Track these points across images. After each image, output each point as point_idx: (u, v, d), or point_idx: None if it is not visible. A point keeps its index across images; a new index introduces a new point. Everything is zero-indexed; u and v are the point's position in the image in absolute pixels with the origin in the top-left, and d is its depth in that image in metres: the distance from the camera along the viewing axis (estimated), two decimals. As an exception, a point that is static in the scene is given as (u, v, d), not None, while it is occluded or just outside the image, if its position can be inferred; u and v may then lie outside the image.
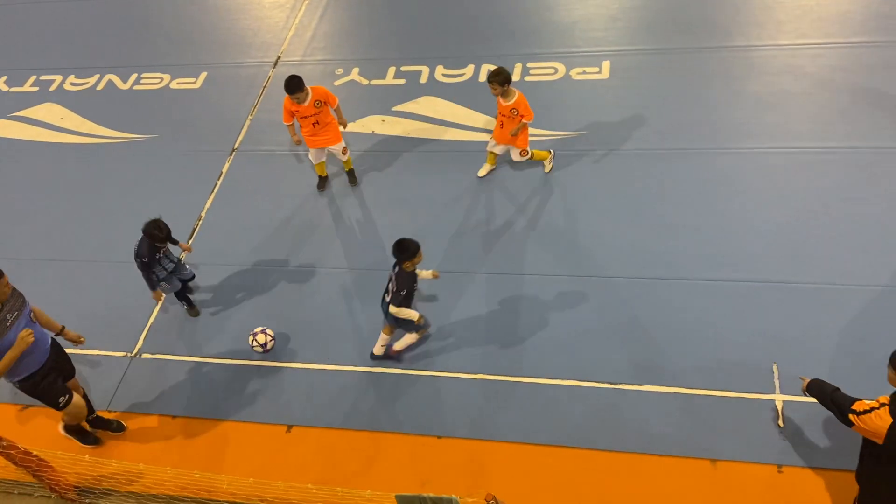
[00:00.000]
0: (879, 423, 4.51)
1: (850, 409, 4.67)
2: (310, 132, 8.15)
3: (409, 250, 6.25)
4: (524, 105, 7.65)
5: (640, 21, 10.04)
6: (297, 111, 7.97)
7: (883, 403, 4.53)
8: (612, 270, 7.37)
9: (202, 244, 8.44)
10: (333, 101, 8.08)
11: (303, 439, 6.66)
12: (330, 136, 8.23)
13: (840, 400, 4.83)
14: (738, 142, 8.24)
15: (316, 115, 7.99)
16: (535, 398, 6.58)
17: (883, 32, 8.99)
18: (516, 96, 7.62)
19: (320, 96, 7.95)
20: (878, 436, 4.55)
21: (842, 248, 7.12)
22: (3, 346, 5.71)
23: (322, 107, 7.98)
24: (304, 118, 8.01)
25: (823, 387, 5.08)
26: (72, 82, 11.04)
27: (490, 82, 7.55)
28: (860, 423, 4.61)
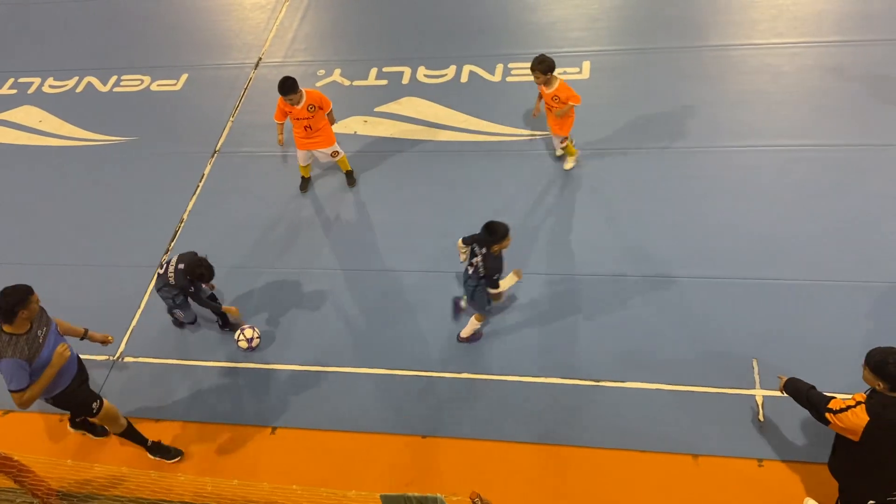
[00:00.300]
0: (856, 421, 4.56)
1: (827, 408, 4.72)
2: (301, 134, 8.17)
3: (497, 233, 6.15)
4: (566, 90, 7.69)
5: (620, 21, 10.12)
6: (290, 112, 7.99)
7: (859, 402, 4.58)
8: (591, 268, 7.43)
9: (184, 246, 8.39)
10: (327, 106, 8.09)
11: (287, 441, 6.65)
12: (320, 140, 8.22)
13: (815, 398, 4.89)
14: (716, 140, 8.33)
15: (309, 119, 8.01)
16: (519, 396, 6.62)
17: (857, 31, 9.12)
18: (558, 83, 7.67)
19: (315, 101, 7.95)
20: (854, 433, 4.60)
21: (819, 244, 7.22)
22: (40, 365, 5.62)
23: (316, 111, 7.98)
24: (297, 120, 8.04)
25: (798, 385, 5.13)
26: (50, 85, 10.95)
27: (533, 71, 7.61)
28: (837, 421, 4.66)
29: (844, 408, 4.63)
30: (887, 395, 4.52)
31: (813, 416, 4.94)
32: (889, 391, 4.51)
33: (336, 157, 8.45)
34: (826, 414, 4.72)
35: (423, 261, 7.80)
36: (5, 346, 5.51)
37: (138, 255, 8.40)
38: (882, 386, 4.53)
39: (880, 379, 4.51)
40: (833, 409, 4.69)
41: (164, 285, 7.06)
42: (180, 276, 6.92)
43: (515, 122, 9.01)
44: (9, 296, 5.52)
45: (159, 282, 7.13)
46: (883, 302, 6.74)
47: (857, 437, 4.60)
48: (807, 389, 5.03)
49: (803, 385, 5.10)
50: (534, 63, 7.58)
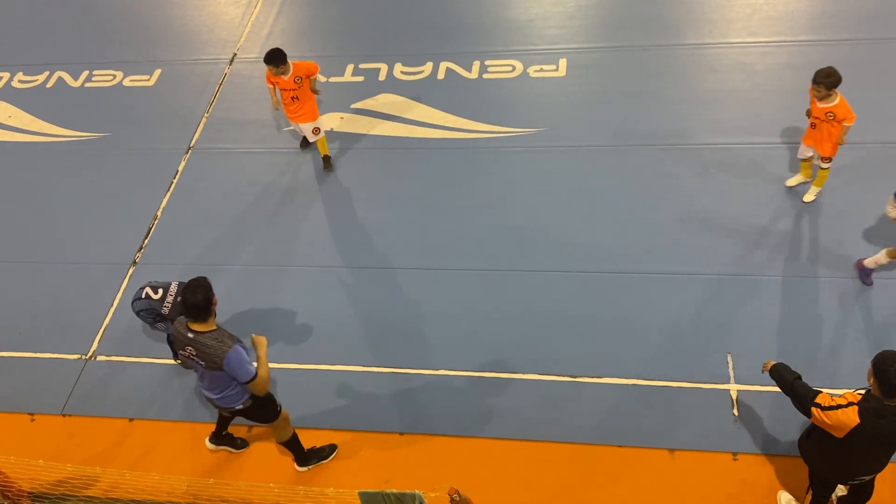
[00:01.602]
0: (845, 421, 4.45)
1: (813, 402, 4.61)
2: (288, 106, 8.29)
3: None
4: (844, 107, 6.80)
5: (596, 19, 10.17)
6: (276, 83, 8.13)
7: (851, 402, 4.47)
8: (567, 265, 7.46)
9: (158, 243, 8.31)
10: (314, 71, 8.19)
11: (264, 439, 6.60)
12: (303, 114, 8.30)
13: (801, 390, 4.79)
14: (691, 138, 8.40)
15: (295, 91, 8.11)
16: (496, 393, 6.63)
17: (830, 31, 9.25)
18: (837, 99, 6.79)
19: (301, 72, 8.06)
20: (838, 430, 4.52)
21: (793, 240, 7.32)
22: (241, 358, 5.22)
23: (302, 83, 8.11)
24: (284, 91, 8.15)
25: (784, 374, 5.03)
26: (20, 80, 10.75)
27: (817, 84, 6.74)
28: (823, 417, 4.55)
29: (834, 406, 4.52)
30: (884, 405, 4.42)
31: (795, 405, 4.86)
32: (882, 396, 4.41)
33: (316, 134, 8.49)
34: (812, 408, 4.61)
35: (400, 257, 7.79)
36: (220, 339, 5.16)
37: (111, 253, 8.29)
38: (875, 389, 4.44)
39: (876, 381, 4.40)
40: (821, 404, 4.58)
41: (151, 309, 6.49)
42: (176, 311, 6.38)
43: (492, 119, 9.02)
44: (197, 290, 5.11)
45: (144, 305, 6.47)
46: (855, 297, 6.84)
47: (841, 435, 4.53)
48: (793, 379, 4.93)
49: (790, 374, 5.00)
50: (819, 76, 6.69)
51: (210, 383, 5.49)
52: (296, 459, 6.30)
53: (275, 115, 9.57)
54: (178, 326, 5.34)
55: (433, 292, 7.45)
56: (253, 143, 9.28)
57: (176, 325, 5.38)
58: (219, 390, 5.50)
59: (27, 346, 7.58)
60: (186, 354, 5.33)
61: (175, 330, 5.38)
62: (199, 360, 5.29)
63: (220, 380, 5.38)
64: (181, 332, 5.29)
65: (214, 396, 5.57)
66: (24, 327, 7.77)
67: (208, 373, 5.34)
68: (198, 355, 5.27)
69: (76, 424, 6.92)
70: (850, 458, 4.76)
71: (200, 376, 5.54)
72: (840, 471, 4.96)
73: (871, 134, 8.02)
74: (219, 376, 5.33)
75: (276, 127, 9.42)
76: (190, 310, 5.17)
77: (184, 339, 5.27)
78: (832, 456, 4.85)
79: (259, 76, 10.13)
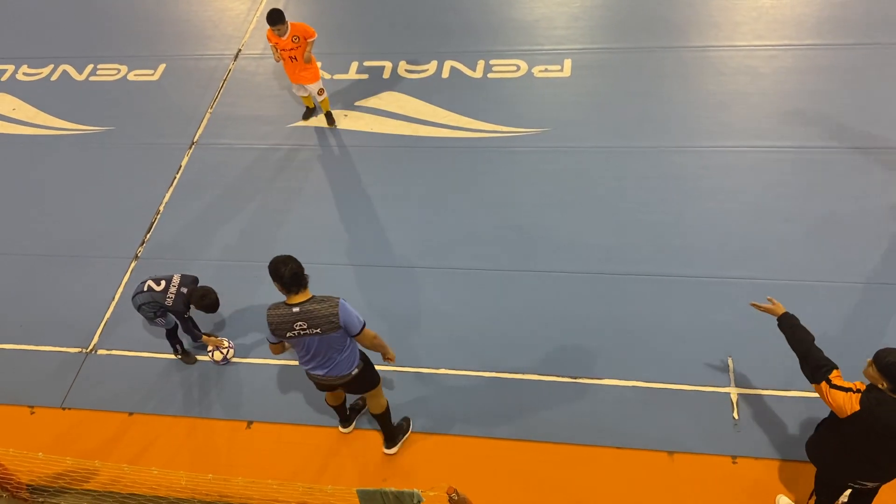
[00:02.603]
0: (846, 405, 4.52)
1: (825, 377, 4.63)
2: (288, 66, 8.67)
3: None
4: None
5: (601, 20, 10.15)
6: (276, 43, 8.48)
7: (859, 389, 4.55)
8: (570, 266, 7.45)
9: (160, 238, 8.32)
10: (311, 35, 8.49)
11: (264, 435, 6.61)
12: (307, 76, 8.71)
13: (816, 358, 4.75)
14: (695, 140, 8.39)
15: (293, 51, 8.45)
16: (496, 393, 6.63)
17: (835, 35, 9.23)
18: None
19: (298, 32, 8.40)
20: (836, 410, 4.60)
21: (794, 244, 7.30)
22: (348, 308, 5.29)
23: (300, 42, 8.43)
24: (283, 51, 8.50)
25: (800, 333, 4.94)
26: (24, 72, 10.76)
27: None
28: (828, 393, 4.58)
29: (843, 387, 4.58)
30: (886, 395, 4.48)
31: (803, 370, 4.82)
32: (891, 392, 4.47)
33: (320, 95, 8.90)
34: (822, 382, 4.62)
35: (402, 255, 7.78)
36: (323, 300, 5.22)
37: (113, 247, 8.29)
38: (885, 385, 4.49)
39: (885, 378, 4.45)
40: (832, 381, 4.61)
41: (153, 302, 6.60)
42: (180, 301, 6.60)
43: (496, 118, 9.01)
44: (287, 263, 5.15)
45: (146, 297, 6.60)
46: (855, 303, 6.83)
47: (841, 416, 4.59)
48: (811, 343, 4.86)
49: (807, 335, 4.90)
50: None
51: (323, 356, 5.42)
52: (385, 438, 6.29)
53: (278, 111, 9.58)
54: (278, 310, 5.25)
55: (435, 291, 7.44)
56: (256, 139, 9.28)
57: (274, 312, 5.26)
58: (332, 360, 5.45)
59: (28, 338, 7.59)
60: (296, 333, 5.24)
61: (274, 316, 5.26)
62: (314, 330, 5.22)
63: (334, 344, 5.34)
64: (283, 313, 5.22)
65: (327, 369, 5.50)
66: (25, 320, 7.77)
67: (323, 342, 5.28)
68: (310, 325, 5.20)
69: (76, 418, 6.93)
70: (851, 450, 4.75)
71: (310, 355, 5.42)
72: (842, 465, 4.92)
73: (877, 139, 8.02)
74: (333, 340, 5.30)
75: (280, 123, 9.42)
76: (292, 281, 5.15)
77: (289, 317, 5.20)
78: (834, 448, 4.86)
79: (264, 72, 10.14)
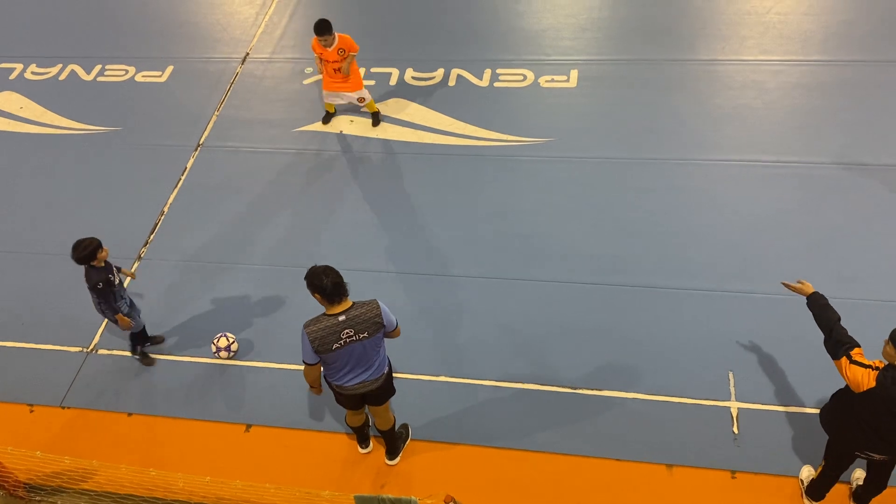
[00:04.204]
0: (861, 380, 4.69)
1: (846, 353, 4.81)
2: (330, 76, 8.76)
3: None
4: None
5: (608, 32, 10.18)
6: (321, 54, 8.54)
7: (878, 367, 4.71)
8: (573, 276, 7.45)
9: (164, 239, 8.33)
10: (354, 50, 8.57)
11: (262, 439, 6.60)
12: (349, 85, 8.81)
13: (840, 335, 4.94)
14: (700, 153, 8.39)
15: (337, 62, 8.54)
16: (496, 402, 6.62)
17: (842, 52, 9.24)
18: None
19: (345, 45, 8.48)
20: (853, 386, 4.74)
21: (798, 259, 7.29)
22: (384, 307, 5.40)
23: (345, 55, 8.47)
24: (327, 62, 8.57)
25: (827, 312, 5.14)
26: (33, 71, 10.80)
27: None
28: (847, 368, 4.76)
29: (862, 364, 4.74)
30: None
31: (826, 345, 5.00)
32: None
33: (362, 103, 8.99)
34: (843, 357, 4.80)
35: (404, 262, 7.79)
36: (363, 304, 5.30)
37: (117, 247, 8.20)
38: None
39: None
40: (852, 357, 4.79)
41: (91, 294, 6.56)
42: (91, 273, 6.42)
43: (501, 127, 9.03)
44: (329, 273, 5.17)
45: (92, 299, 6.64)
46: (857, 318, 6.78)
47: (857, 391, 4.75)
48: (836, 320, 5.06)
49: (833, 314, 5.11)
50: None
51: (365, 361, 5.44)
52: (388, 451, 6.30)
53: (285, 115, 9.60)
54: (320, 324, 5.23)
55: (435, 298, 7.44)
56: (262, 142, 9.31)
57: (317, 327, 5.24)
58: (372, 363, 5.48)
59: (29, 336, 7.60)
60: (343, 342, 5.24)
61: (318, 331, 5.23)
62: (361, 335, 5.26)
63: (376, 345, 5.42)
64: (328, 325, 5.21)
65: (368, 373, 5.50)
66: (26, 318, 7.78)
67: (368, 345, 5.33)
68: (357, 331, 5.23)
69: (75, 417, 6.93)
70: (862, 423, 4.88)
71: (351, 365, 5.41)
72: (851, 436, 5.03)
73: (881, 156, 8.03)
74: (375, 342, 5.38)
75: (286, 127, 9.44)
76: (334, 291, 5.17)
77: (336, 327, 5.20)
78: (845, 419, 5.01)
79: (272, 76, 10.18)
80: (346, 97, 8.99)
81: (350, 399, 5.78)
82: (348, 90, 8.88)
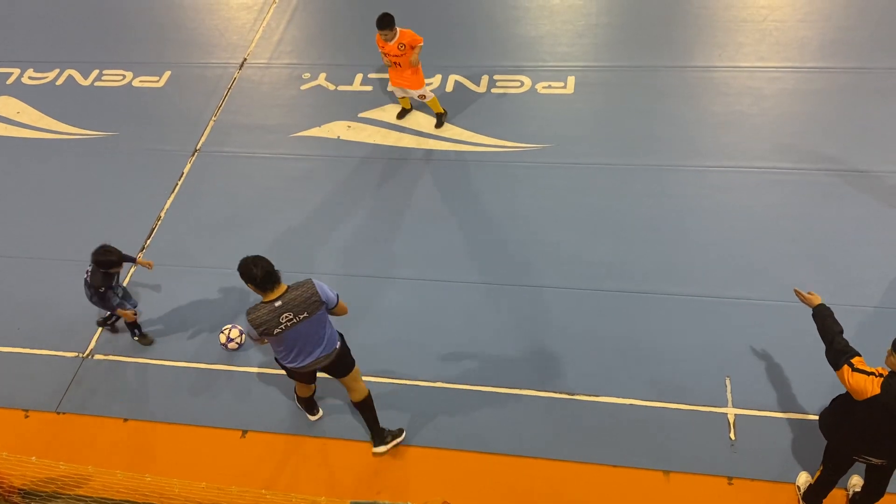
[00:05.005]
0: (866, 388, 4.67)
1: (847, 361, 4.80)
2: (393, 70, 8.75)
3: None
4: None
5: (605, 38, 10.21)
6: (382, 48, 8.54)
7: (881, 374, 4.70)
8: (568, 282, 7.45)
9: (161, 245, 8.32)
10: (416, 43, 8.50)
11: (258, 445, 6.59)
12: (409, 81, 8.73)
13: (841, 346, 4.94)
14: (696, 160, 8.41)
15: (398, 57, 8.49)
16: (492, 407, 6.60)
17: (839, 59, 9.27)
18: None
19: (405, 40, 8.44)
20: (856, 393, 4.73)
21: (793, 265, 7.30)
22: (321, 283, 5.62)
23: (406, 50, 8.43)
24: (387, 56, 8.56)
25: (829, 322, 5.14)
26: (30, 76, 10.80)
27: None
28: (849, 377, 4.74)
29: (865, 371, 4.73)
30: None
31: (827, 356, 4.98)
32: None
33: (423, 100, 8.92)
34: (844, 366, 4.79)
35: (401, 268, 7.78)
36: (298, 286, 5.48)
37: (113, 252, 8.28)
38: None
39: None
40: (854, 364, 4.78)
41: (85, 286, 6.87)
42: (96, 275, 6.69)
43: (498, 133, 9.04)
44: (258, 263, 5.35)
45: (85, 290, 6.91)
46: (854, 324, 6.81)
47: (859, 399, 4.73)
48: (837, 332, 5.06)
49: (835, 325, 5.12)
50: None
51: (313, 339, 5.61)
52: (373, 436, 6.33)
53: (282, 120, 9.60)
54: (259, 311, 5.39)
55: (433, 304, 7.43)
56: (260, 147, 9.31)
57: (256, 315, 5.39)
58: (321, 339, 5.66)
59: (25, 342, 7.58)
60: (284, 326, 5.40)
61: (258, 318, 5.39)
62: (301, 316, 5.42)
63: (321, 321, 5.58)
64: (266, 311, 5.37)
65: (319, 350, 5.69)
66: (22, 323, 7.76)
67: (312, 324, 5.48)
68: (296, 313, 5.40)
69: (70, 422, 6.91)
70: (863, 429, 4.88)
71: (298, 346, 5.60)
72: (850, 441, 5.04)
73: (878, 163, 8.05)
74: (319, 319, 5.53)
75: (284, 133, 9.44)
76: (266, 279, 5.34)
77: (274, 313, 5.37)
78: (845, 424, 5.00)
79: (269, 82, 10.18)
80: (409, 93, 8.94)
81: (305, 376, 6.01)
82: (409, 87, 8.80)
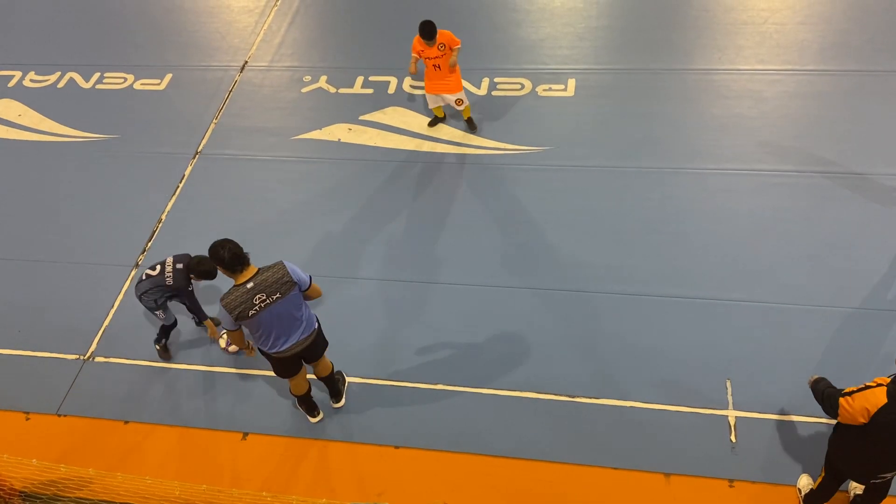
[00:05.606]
0: (872, 400, 4.60)
1: (840, 394, 4.78)
2: (431, 75, 8.64)
3: None
4: None
5: (606, 41, 10.22)
6: (422, 51, 8.48)
7: (880, 384, 4.66)
8: (569, 285, 7.46)
9: (162, 247, 8.32)
10: (456, 43, 8.47)
11: (259, 447, 6.59)
12: (449, 85, 8.65)
13: (830, 392, 4.93)
14: (697, 162, 8.42)
15: (438, 59, 8.44)
16: (493, 409, 6.61)
17: (838, 61, 9.28)
18: None
19: (445, 40, 8.41)
20: (863, 414, 4.64)
21: (793, 268, 7.30)
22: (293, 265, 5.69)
23: (445, 50, 8.41)
24: (428, 59, 8.48)
25: (820, 385, 5.15)
26: (32, 79, 10.82)
27: None
28: (850, 403, 4.68)
29: (862, 388, 4.69)
30: None
31: (825, 410, 4.97)
32: None
33: (460, 105, 8.82)
34: (840, 399, 4.76)
35: (402, 270, 7.79)
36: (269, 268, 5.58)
37: (114, 255, 8.30)
38: None
39: None
40: (847, 393, 4.75)
41: (156, 287, 6.66)
42: (180, 276, 6.66)
43: (499, 136, 9.05)
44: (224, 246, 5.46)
45: (147, 284, 6.67)
46: (854, 327, 6.83)
47: (867, 420, 4.65)
48: (825, 386, 5.07)
49: (824, 384, 5.13)
50: None
51: (288, 320, 5.69)
52: (332, 394, 6.66)
53: (283, 123, 9.62)
54: (231, 295, 5.47)
55: (433, 306, 7.44)
56: (260, 150, 9.32)
57: (229, 298, 5.47)
58: (298, 321, 5.75)
59: (26, 344, 7.59)
60: (258, 308, 5.48)
61: (231, 301, 5.47)
62: (274, 297, 5.49)
63: (295, 302, 5.64)
64: (239, 294, 5.46)
65: (298, 332, 5.79)
66: (23, 325, 7.77)
67: (285, 305, 5.55)
68: (269, 294, 5.48)
69: (71, 425, 6.91)
70: (875, 448, 4.81)
71: (276, 329, 5.68)
72: (862, 466, 5.00)
73: (878, 165, 8.05)
74: (293, 300, 5.60)
75: (285, 135, 9.46)
76: (234, 261, 5.44)
77: (246, 295, 5.46)
78: (855, 450, 4.94)
79: (270, 84, 10.20)
80: (446, 99, 8.84)
81: (290, 363, 6.03)
82: (448, 92, 8.70)
